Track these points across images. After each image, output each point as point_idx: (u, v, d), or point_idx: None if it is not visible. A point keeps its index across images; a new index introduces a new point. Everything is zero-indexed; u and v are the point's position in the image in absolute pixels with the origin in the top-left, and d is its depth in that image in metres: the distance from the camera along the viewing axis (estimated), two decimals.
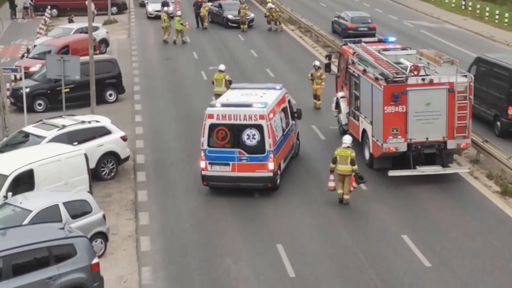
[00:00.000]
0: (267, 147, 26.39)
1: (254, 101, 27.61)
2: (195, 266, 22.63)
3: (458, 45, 53.27)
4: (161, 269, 22.73)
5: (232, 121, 26.62)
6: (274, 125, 27.37)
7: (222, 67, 38.65)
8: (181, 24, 56.34)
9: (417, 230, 25.02)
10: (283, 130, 28.90)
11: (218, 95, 35.37)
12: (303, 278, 21.80)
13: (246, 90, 30.12)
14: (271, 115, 27.03)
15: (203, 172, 26.96)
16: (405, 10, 71.55)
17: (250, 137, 26.44)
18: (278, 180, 27.81)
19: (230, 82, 37.23)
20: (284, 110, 29.75)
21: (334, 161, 26.99)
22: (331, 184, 27.26)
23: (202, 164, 26.86)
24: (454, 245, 24.06)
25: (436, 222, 25.73)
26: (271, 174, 26.62)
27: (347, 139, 27.73)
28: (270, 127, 26.42)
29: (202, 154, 26.82)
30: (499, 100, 33.51)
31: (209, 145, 26.77)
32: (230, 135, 26.64)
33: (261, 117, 26.44)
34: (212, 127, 26.66)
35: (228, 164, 26.62)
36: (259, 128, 26.37)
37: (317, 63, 39.40)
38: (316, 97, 38.87)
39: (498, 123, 33.56)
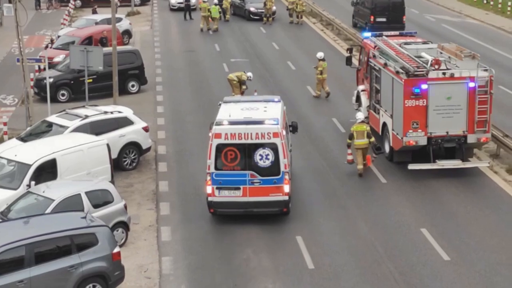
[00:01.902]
0: (282, 168, 23.75)
1: (265, 117, 24.72)
2: (215, 256, 22.74)
3: (479, 40, 53.04)
4: (181, 259, 22.83)
5: (243, 141, 23.78)
6: (287, 143, 25.25)
7: (250, 74, 38.80)
8: (219, 12, 58.09)
9: (436, 224, 25.01)
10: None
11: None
12: (322, 269, 21.85)
13: (244, 104, 26.84)
14: (284, 132, 24.61)
15: (210, 198, 24.05)
16: (426, 4, 71.28)
17: (263, 158, 23.70)
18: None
19: (244, 83, 37.90)
20: (286, 125, 27.48)
21: (351, 137, 28.97)
22: (349, 157, 29.05)
23: (209, 189, 23.94)
24: (473, 239, 24.03)
25: (455, 216, 25.72)
26: (286, 197, 24.04)
27: (360, 115, 29.88)
28: (284, 146, 23.91)
29: (208, 178, 23.94)
30: None
31: (216, 168, 23.83)
32: (240, 156, 23.82)
33: (275, 135, 23.74)
34: (220, 147, 23.78)
35: (239, 188, 23.86)
36: (273, 147, 23.69)
37: (320, 55, 39.89)
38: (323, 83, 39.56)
39: None
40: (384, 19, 57.81)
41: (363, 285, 21.31)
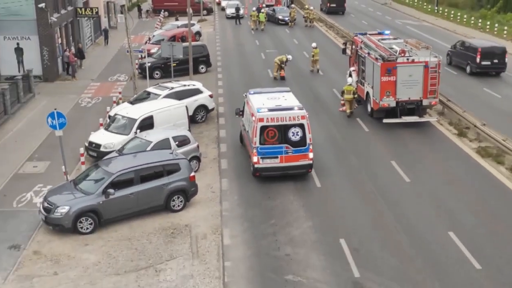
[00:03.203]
0: (307, 141, 22.31)
1: (292, 104, 23.08)
2: (255, 179, 22.78)
3: (431, 36, 52.26)
4: (234, 180, 23.03)
5: (280, 122, 22.12)
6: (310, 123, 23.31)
7: (290, 57, 38.22)
8: (265, 17, 57.79)
9: (401, 157, 25.03)
10: None
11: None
12: (325, 187, 21.94)
13: (266, 95, 24.52)
14: (307, 115, 22.88)
15: (256, 166, 22.41)
16: (396, 13, 70.08)
17: (294, 134, 22.18)
18: None
19: (285, 63, 37.46)
20: None
21: (342, 93, 30.61)
22: (341, 108, 30.85)
23: (255, 159, 22.30)
24: (426, 166, 24.16)
25: (414, 152, 25.73)
26: (311, 162, 22.61)
27: (349, 80, 31.20)
28: (308, 125, 22.38)
29: (255, 151, 22.23)
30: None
31: (260, 143, 22.21)
32: (278, 133, 22.16)
33: (303, 117, 22.26)
34: (263, 128, 22.07)
35: (277, 157, 22.24)
36: (301, 126, 22.20)
37: (313, 44, 40.07)
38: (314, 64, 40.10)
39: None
40: (334, 5, 67.62)
41: (353, 197, 21.48)
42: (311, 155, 22.45)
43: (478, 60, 37.53)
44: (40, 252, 18.06)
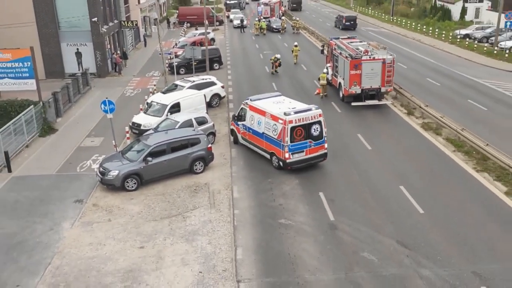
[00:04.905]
0: (323, 134, 20.42)
1: (310, 107, 20.74)
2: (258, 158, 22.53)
3: (388, 40, 51.52)
4: (240, 150, 22.73)
5: (305, 122, 19.89)
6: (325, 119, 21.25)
7: (277, 56, 37.63)
8: (266, 24, 58.15)
9: (365, 132, 24.85)
10: None
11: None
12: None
13: (269, 99, 22.04)
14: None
15: (287, 161, 19.88)
16: (361, 22, 68.83)
17: (315, 130, 20.09)
18: None
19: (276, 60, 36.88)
20: None
21: (319, 79, 30.38)
22: (317, 91, 30.27)
23: (287, 155, 19.79)
24: (383, 137, 23.93)
25: (375, 128, 25.53)
26: (326, 151, 20.66)
27: (324, 70, 30.92)
28: (324, 121, 20.46)
29: (286, 149, 19.75)
30: None
31: (290, 141, 19.85)
32: (303, 131, 19.98)
33: (320, 115, 20.25)
34: (292, 128, 19.70)
35: (303, 151, 20.02)
36: (319, 123, 20.21)
37: (295, 43, 40.89)
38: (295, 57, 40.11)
39: None
40: (295, 5, 78.71)
41: (329, 162, 21.18)
42: (326, 145, 20.65)
43: (343, 22, 57.89)
44: (97, 204, 18.16)
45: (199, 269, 14.25)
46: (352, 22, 61.44)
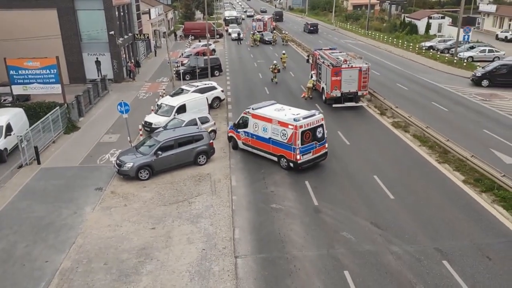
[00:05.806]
0: (325, 136, 19.71)
1: (313, 112, 19.71)
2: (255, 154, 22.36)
3: (364, 50, 51.49)
4: (240, 150, 22.33)
5: (312, 126, 19.07)
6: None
7: (275, 62, 37.09)
8: (260, 37, 58.43)
9: (344, 129, 24.79)
10: None
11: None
12: None
13: (270, 107, 20.87)
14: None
15: (299, 162, 19.00)
16: (341, 35, 69.04)
17: (319, 133, 19.37)
18: None
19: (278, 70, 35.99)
20: None
21: (306, 84, 30.15)
22: (303, 95, 29.89)
23: (298, 156, 18.90)
24: (359, 134, 23.84)
25: (352, 125, 25.45)
26: (327, 150, 19.96)
27: (314, 77, 30.89)
28: (324, 124, 19.75)
29: (298, 151, 18.87)
30: None
31: (301, 144, 18.96)
32: (311, 134, 19.12)
33: (322, 119, 19.50)
34: (302, 132, 18.85)
35: (310, 152, 19.19)
36: (322, 126, 19.49)
37: (283, 51, 40.84)
38: (283, 64, 39.85)
39: None
40: (278, 17, 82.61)
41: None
42: (326, 145, 19.94)
43: (308, 27, 65.06)
44: (115, 192, 18.11)
45: (203, 246, 14.29)
46: (314, 28, 66.61)
